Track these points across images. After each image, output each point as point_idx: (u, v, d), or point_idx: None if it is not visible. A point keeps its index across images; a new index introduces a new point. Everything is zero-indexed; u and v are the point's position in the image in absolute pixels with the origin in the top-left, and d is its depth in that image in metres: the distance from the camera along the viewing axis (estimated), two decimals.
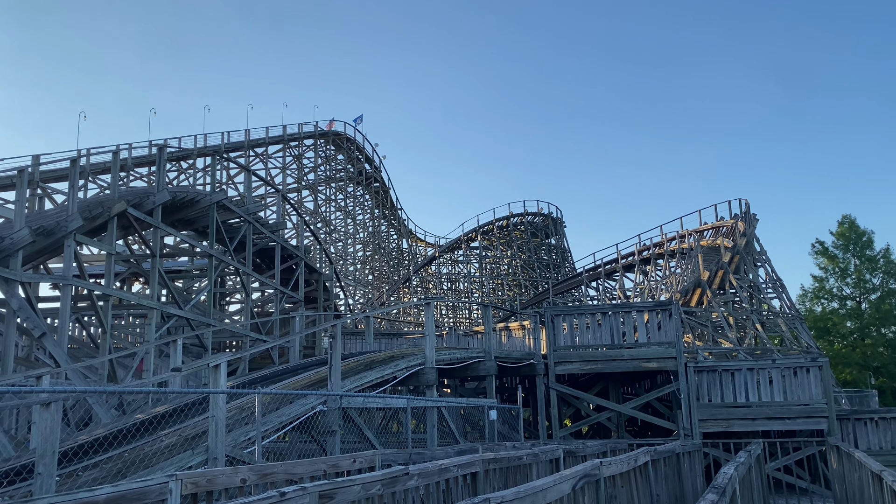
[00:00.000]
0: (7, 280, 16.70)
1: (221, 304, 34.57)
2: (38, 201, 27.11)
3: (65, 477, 9.14)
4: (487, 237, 63.84)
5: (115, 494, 5.56)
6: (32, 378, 12.26)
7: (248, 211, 28.46)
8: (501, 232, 63.96)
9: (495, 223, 63.57)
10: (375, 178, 59.75)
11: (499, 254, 63.78)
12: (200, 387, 17.63)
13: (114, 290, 20.64)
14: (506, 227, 64.09)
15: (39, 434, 8.45)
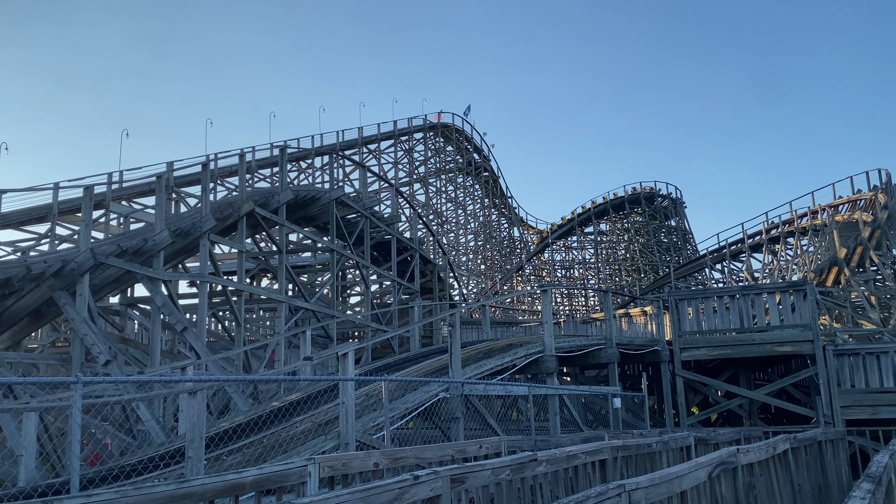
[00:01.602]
0: (151, 279, 18.03)
1: (343, 297, 35.86)
2: (173, 205, 29.12)
3: (212, 461, 9.75)
4: (603, 221, 62.48)
5: (260, 476, 5.88)
6: (178, 369, 13.19)
7: (365, 206, 29.29)
8: (617, 215, 62.38)
9: (610, 206, 62.07)
10: (485, 167, 59.83)
11: (615, 238, 62.28)
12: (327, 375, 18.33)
13: (246, 286, 21.87)
14: (622, 209, 62.45)
15: (188, 421, 9.08)
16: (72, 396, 6.68)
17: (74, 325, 16.32)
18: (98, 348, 15.48)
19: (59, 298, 16.31)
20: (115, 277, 19.15)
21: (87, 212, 16.95)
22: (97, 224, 26.13)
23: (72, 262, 16.24)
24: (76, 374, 6.64)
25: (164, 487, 5.38)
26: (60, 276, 16.43)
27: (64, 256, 17.09)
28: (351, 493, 4.64)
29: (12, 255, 22.41)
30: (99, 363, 15.46)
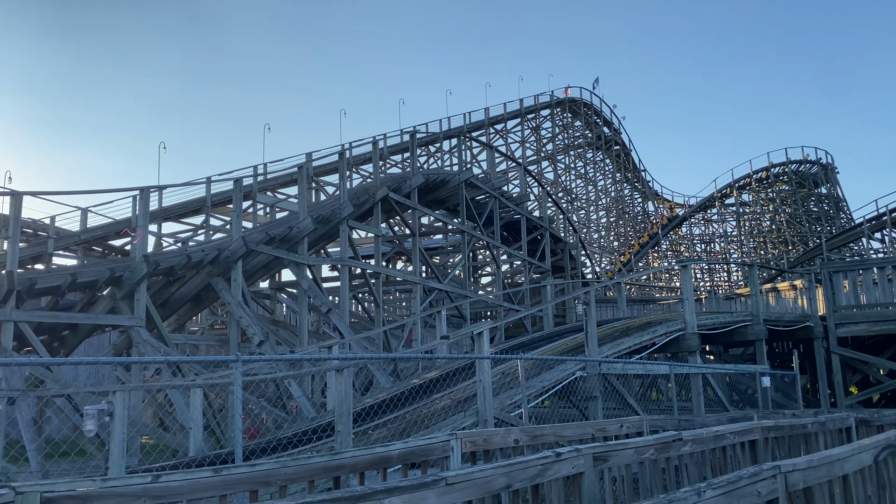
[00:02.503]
0: (297, 264, 19.09)
1: (474, 277, 36.28)
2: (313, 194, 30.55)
3: (359, 434, 10.23)
4: (745, 192, 59.01)
5: (405, 450, 6.12)
6: (324, 348, 13.92)
7: (493, 186, 29.39)
8: (761, 185, 58.66)
9: (753, 176, 58.45)
10: (615, 140, 58.14)
11: (759, 209, 58.67)
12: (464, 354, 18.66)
13: (383, 269, 22.65)
14: (766, 179, 58.63)
15: (336, 397, 9.57)
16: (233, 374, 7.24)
17: (230, 309, 17.61)
18: (252, 329, 16.63)
19: (216, 284, 17.65)
20: (264, 263, 20.44)
21: (238, 203, 18.16)
22: (246, 214, 27.92)
23: (226, 251, 17.50)
24: (235, 354, 7.18)
25: (319, 459, 5.73)
26: (216, 263, 17.76)
27: (219, 245, 18.45)
28: (494, 469, 4.72)
29: (174, 245, 24.43)
30: (253, 343, 16.61)
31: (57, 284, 15.47)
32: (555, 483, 5.47)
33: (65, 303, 17.52)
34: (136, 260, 16.02)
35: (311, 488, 5.71)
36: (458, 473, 4.65)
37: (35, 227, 21.65)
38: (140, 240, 16.22)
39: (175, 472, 4.95)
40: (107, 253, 24.95)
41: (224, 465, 5.42)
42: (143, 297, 15.92)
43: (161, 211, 24.85)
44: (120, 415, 7.55)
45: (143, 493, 4.69)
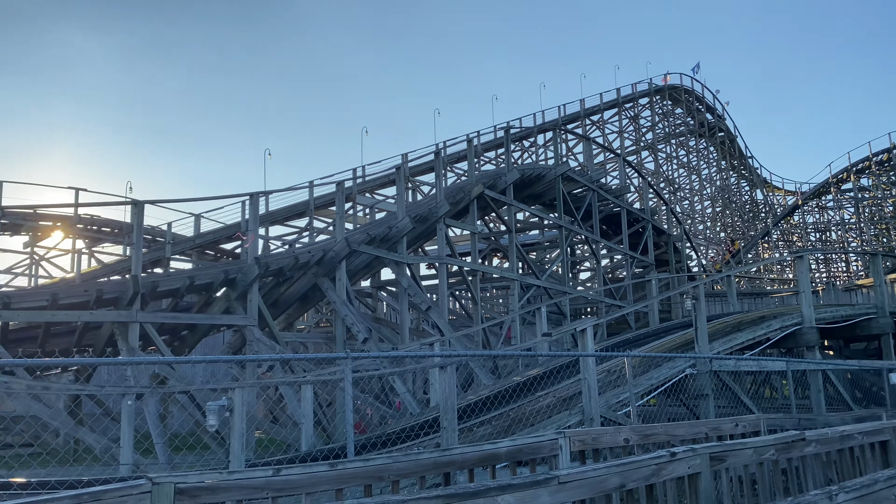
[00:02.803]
0: (397, 263, 19.45)
1: (573, 272, 35.78)
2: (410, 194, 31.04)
3: (464, 431, 10.30)
4: (864, 176, 55.24)
5: (513, 448, 6.11)
6: (426, 345, 14.11)
7: (591, 179, 28.88)
8: (882, 168, 54.74)
9: (873, 159, 54.62)
10: (719, 127, 55.81)
11: (880, 194, 54.80)
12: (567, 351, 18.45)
13: (480, 266, 22.74)
14: (887, 161, 54.67)
15: (440, 393, 9.68)
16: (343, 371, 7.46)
17: (336, 307, 18.16)
18: (357, 327, 17.09)
19: (322, 284, 18.24)
20: (366, 263, 20.95)
21: (340, 205, 18.70)
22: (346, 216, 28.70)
23: (330, 251, 18.05)
24: (345, 351, 7.39)
25: (429, 455, 5.82)
26: (322, 264, 18.36)
27: (324, 247, 19.06)
28: (608, 468, 4.64)
29: (281, 248, 25.42)
30: (358, 341, 17.07)
31: (177, 287, 16.43)
32: (669, 483, 5.33)
33: (183, 304, 18.59)
34: (248, 262, 16.79)
35: (421, 483, 5.81)
36: (571, 472, 4.61)
37: (153, 234, 23.08)
38: (251, 243, 16.99)
39: (294, 466, 5.15)
40: (218, 256, 26.28)
41: (339, 460, 5.60)
42: (256, 297, 16.66)
43: (267, 215, 25.90)
44: (238, 410, 7.95)
45: (266, 486, 4.91)
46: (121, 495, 4.38)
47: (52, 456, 13.36)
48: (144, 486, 4.42)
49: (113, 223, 28.24)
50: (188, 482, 4.57)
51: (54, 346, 16.72)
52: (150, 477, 4.47)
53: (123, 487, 4.41)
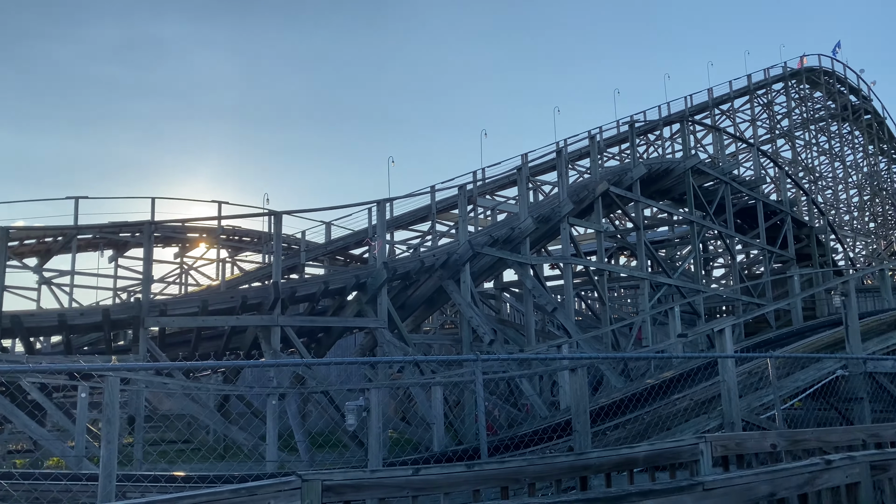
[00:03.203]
0: (521, 264, 19.43)
1: (706, 270, 34.25)
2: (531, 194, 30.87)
3: (596, 434, 10.13)
4: None
5: (651, 452, 5.95)
6: (554, 347, 13.99)
7: (723, 171, 27.58)
8: None
9: None
10: (865, 109, 51.59)
11: None
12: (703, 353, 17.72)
13: (606, 265, 22.27)
14: None
15: (571, 396, 9.58)
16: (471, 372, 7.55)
17: (461, 309, 18.39)
18: (482, 329, 17.23)
19: (448, 286, 18.53)
20: (489, 265, 21.08)
21: (463, 208, 18.93)
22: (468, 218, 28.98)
23: (454, 254, 18.32)
24: (475, 353, 7.48)
25: (564, 458, 5.78)
26: (446, 266, 18.66)
27: (448, 250, 19.38)
28: (756, 475, 4.44)
29: (406, 252, 26.06)
30: (484, 342, 17.21)
31: (313, 292, 17.26)
32: (825, 493, 5.00)
33: (318, 308, 19.48)
34: (376, 267, 17.37)
35: (557, 487, 5.78)
36: (716, 479, 4.44)
37: (288, 242, 24.34)
38: (379, 249, 17.57)
39: (433, 466, 5.28)
40: (348, 261, 27.33)
41: (475, 461, 5.68)
42: (385, 300, 17.19)
43: (392, 220, 26.65)
44: (375, 410, 8.23)
45: (406, 485, 5.07)
46: (274, 491, 4.67)
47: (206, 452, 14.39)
48: (295, 483, 4.68)
49: (252, 233, 30.07)
50: (334, 479, 4.79)
51: (205, 349, 18.01)
52: (300, 474, 4.74)
53: (276, 483, 4.69)
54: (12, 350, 19.32)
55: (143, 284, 16.49)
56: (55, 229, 24.92)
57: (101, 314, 15.56)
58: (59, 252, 25.88)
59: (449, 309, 26.30)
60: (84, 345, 18.55)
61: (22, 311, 16.19)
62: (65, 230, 24.45)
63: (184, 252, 28.40)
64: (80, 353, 17.67)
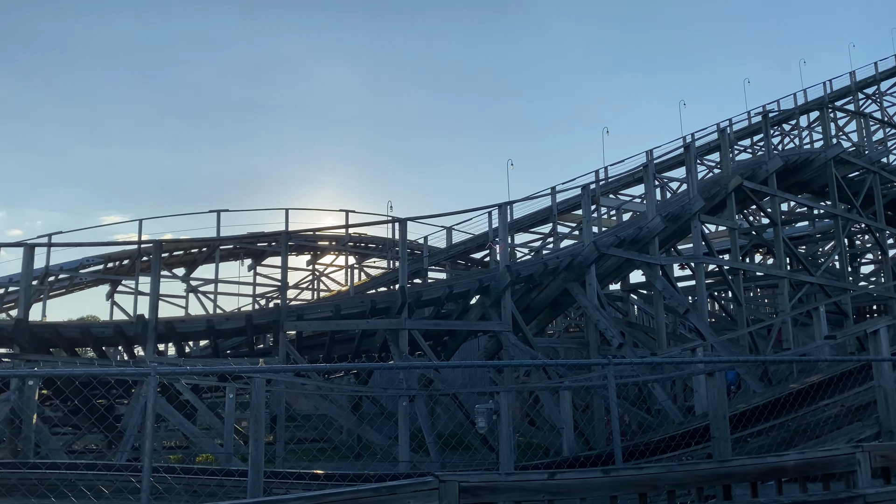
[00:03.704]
0: (649, 265, 18.84)
1: (853, 266, 31.76)
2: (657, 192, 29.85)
3: (736, 441, 9.65)
4: None
5: (801, 461, 5.59)
6: (687, 350, 13.46)
7: (870, 160, 25.54)
8: None
9: None
10: None
11: None
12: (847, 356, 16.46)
13: (741, 264, 21.17)
14: None
15: (708, 401, 9.18)
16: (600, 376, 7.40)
17: (587, 312, 18.07)
18: (610, 332, 16.85)
19: (572, 289, 18.27)
20: (615, 266, 20.59)
21: (587, 208, 18.61)
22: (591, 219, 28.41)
23: (579, 256, 18.03)
24: (608, 357, 7.33)
25: (706, 465, 5.55)
26: (570, 269, 18.41)
27: (572, 252, 19.11)
28: None
29: (527, 255, 25.94)
30: (612, 346, 16.81)
31: (437, 296, 17.56)
32: None
33: (442, 312, 19.79)
34: (499, 270, 17.41)
35: (698, 495, 5.56)
36: (879, 491, 4.11)
37: (411, 247, 24.89)
38: (502, 252, 17.61)
39: (568, 471, 5.22)
40: (468, 265, 27.58)
41: (611, 467, 5.57)
42: (509, 303, 17.20)
43: (512, 223, 26.62)
44: (505, 413, 8.25)
45: (542, 489, 5.05)
46: (413, 491, 4.79)
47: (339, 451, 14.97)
48: (432, 484, 4.78)
49: (377, 239, 31.05)
50: (471, 481, 4.85)
51: (338, 351, 18.76)
52: (437, 475, 4.83)
53: (414, 484, 4.81)
54: (165, 353, 20.97)
55: (281, 291, 17.43)
56: (200, 241, 26.88)
57: (244, 319, 16.59)
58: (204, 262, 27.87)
59: (573, 312, 25.93)
60: (227, 348, 19.82)
61: (174, 318, 17.54)
62: (208, 242, 26.30)
63: (315, 259, 29.77)
64: (224, 356, 18.91)
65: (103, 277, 24.85)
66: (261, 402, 6.41)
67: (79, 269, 24.43)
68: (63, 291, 25.67)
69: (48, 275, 21.23)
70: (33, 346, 14.88)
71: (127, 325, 16.25)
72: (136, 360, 16.28)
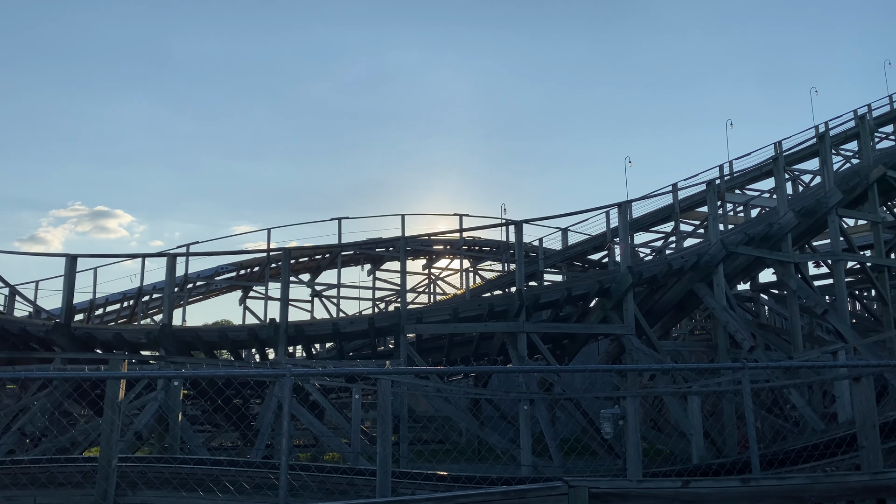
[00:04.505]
0: (781, 263, 17.77)
1: None
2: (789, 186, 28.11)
3: (889, 452, 8.92)
4: None
5: None
6: (828, 354, 12.57)
7: None
8: None
9: None
10: None
11: None
12: None
13: (887, 260, 19.56)
14: None
15: (854, 408, 8.52)
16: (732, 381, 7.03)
17: (716, 314, 17.26)
18: (741, 334, 16.02)
19: (699, 290, 17.51)
20: (744, 265, 19.57)
21: (712, 205, 17.80)
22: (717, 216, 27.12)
23: (705, 255, 17.27)
24: (741, 360, 6.96)
25: (857, 477, 5.17)
26: (696, 269, 17.66)
27: (698, 251, 18.33)
28: None
29: (649, 255, 25.13)
30: (743, 349, 15.97)
31: (556, 298, 17.35)
32: None
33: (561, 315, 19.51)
34: (620, 271, 16.97)
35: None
36: None
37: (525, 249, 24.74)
38: (623, 252, 17.15)
39: (703, 479, 5.01)
40: (586, 267, 27.06)
41: (749, 475, 5.29)
42: (631, 306, 16.73)
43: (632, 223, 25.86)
44: (632, 419, 8.02)
45: (675, 497, 4.86)
46: (542, 495, 4.75)
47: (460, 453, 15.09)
48: (561, 489, 4.72)
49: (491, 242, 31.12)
50: (601, 487, 4.75)
51: (456, 354, 18.94)
52: (566, 480, 4.76)
53: (543, 488, 4.77)
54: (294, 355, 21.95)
55: (401, 295, 17.80)
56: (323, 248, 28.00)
57: (367, 322, 17.08)
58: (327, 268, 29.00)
59: (699, 314, 24.87)
60: (350, 350, 20.49)
61: (302, 321, 18.34)
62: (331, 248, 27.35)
63: (430, 263, 30.24)
64: (348, 358, 19.57)
65: (236, 284, 26.39)
66: (387, 402, 6.56)
67: (214, 276, 26.08)
68: (200, 298, 27.50)
69: (187, 282, 22.81)
70: (176, 349, 15.99)
71: (259, 328, 17.14)
72: (271, 362, 17.16)
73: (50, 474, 6.48)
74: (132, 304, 24.68)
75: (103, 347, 16.51)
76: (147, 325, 20.14)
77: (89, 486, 6.11)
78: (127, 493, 6.20)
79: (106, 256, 19.96)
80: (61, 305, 16.47)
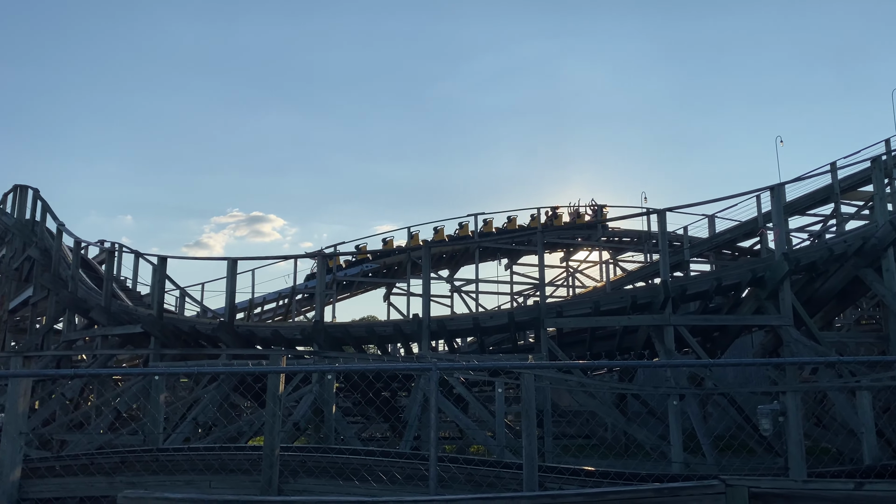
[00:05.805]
0: None
1: None
2: None
3: None
4: None
5: None
6: None
7: None
8: None
9: None
10: None
11: None
12: None
13: None
14: None
15: None
16: None
17: (886, 301, 15.80)
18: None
19: (865, 276, 16.09)
20: None
21: (879, 183, 16.29)
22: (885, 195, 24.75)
23: (872, 238, 15.83)
24: None
25: None
26: (861, 253, 16.23)
27: (862, 234, 16.85)
28: None
29: (807, 240, 23.39)
30: None
31: (704, 289, 16.56)
32: None
33: (711, 306, 18.60)
34: (775, 259, 15.91)
35: None
36: None
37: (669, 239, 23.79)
38: (777, 238, 16.08)
39: (879, 482, 4.62)
40: (735, 255, 25.60)
41: None
42: (788, 295, 15.65)
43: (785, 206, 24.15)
44: (794, 415, 7.52)
45: (847, 499, 4.52)
46: (697, 493, 4.57)
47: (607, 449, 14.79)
48: (718, 487, 4.52)
49: (631, 233, 30.23)
50: (762, 487, 4.51)
51: (598, 348, 18.58)
52: (724, 478, 4.55)
53: (699, 486, 4.59)
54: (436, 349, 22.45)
55: (540, 288, 17.71)
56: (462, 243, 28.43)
57: (507, 317, 17.14)
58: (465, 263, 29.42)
59: (866, 302, 22.86)
60: (490, 344, 20.66)
61: (444, 316, 18.71)
62: (468, 243, 27.71)
63: (568, 256, 29.85)
64: (489, 352, 19.73)
65: (380, 281, 27.39)
66: (531, 397, 6.55)
67: (359, 274, 27.23)
68: (348, 295, 28.81)
69: (335, 280, 23.96)
70: (328, 344, 16.83)
71: (404, 323, 17.68)
72: (417, 356, 17.67)
73: (222, 461, 7.02)
74: (286, 302, 26.30)
75: (262, 343, 17.68)
76: (301, 322, 21.38)
77: (256, 473, 6.57)
78: (289, 480, 6.61)
79: (262, 259, 21.42)
80: (224, 305, 17.82)
